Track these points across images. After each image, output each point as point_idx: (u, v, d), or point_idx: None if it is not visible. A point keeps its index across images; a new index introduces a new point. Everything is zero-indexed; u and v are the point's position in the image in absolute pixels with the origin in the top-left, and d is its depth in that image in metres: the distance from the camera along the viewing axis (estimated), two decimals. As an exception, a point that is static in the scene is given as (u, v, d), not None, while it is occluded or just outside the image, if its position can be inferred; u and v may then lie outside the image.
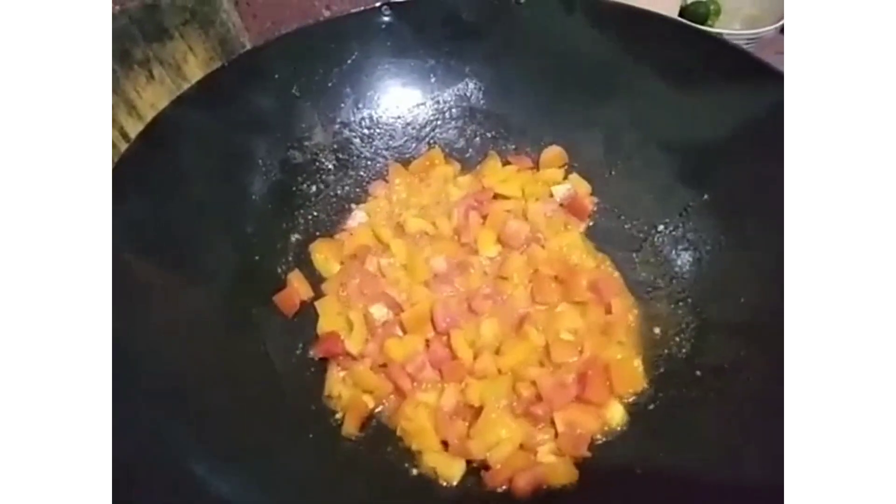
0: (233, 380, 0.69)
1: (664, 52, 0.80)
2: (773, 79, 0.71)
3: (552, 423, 0.68)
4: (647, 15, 0.81)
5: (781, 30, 1.10)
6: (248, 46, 0.97)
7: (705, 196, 0.79)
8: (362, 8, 0.86)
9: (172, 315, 0.67)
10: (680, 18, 1.08)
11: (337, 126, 0.90)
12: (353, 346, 0.73)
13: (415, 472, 0.66)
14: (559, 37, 0.87)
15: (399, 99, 0.93)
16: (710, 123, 0.78)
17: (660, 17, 0.80)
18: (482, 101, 0.93)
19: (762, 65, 0.73)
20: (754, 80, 0.74)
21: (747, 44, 1.12)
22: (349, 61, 0.88)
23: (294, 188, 0.86)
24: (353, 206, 0.88)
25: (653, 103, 0.82)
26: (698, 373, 0.69)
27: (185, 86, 0.86)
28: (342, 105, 0.90)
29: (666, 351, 0.73)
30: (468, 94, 0.93)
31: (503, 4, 0.88)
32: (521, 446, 0.66)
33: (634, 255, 0.82)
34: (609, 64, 0.84)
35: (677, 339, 0.73)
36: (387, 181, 0.90)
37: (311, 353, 0.74)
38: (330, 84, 0.88)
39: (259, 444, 0.65)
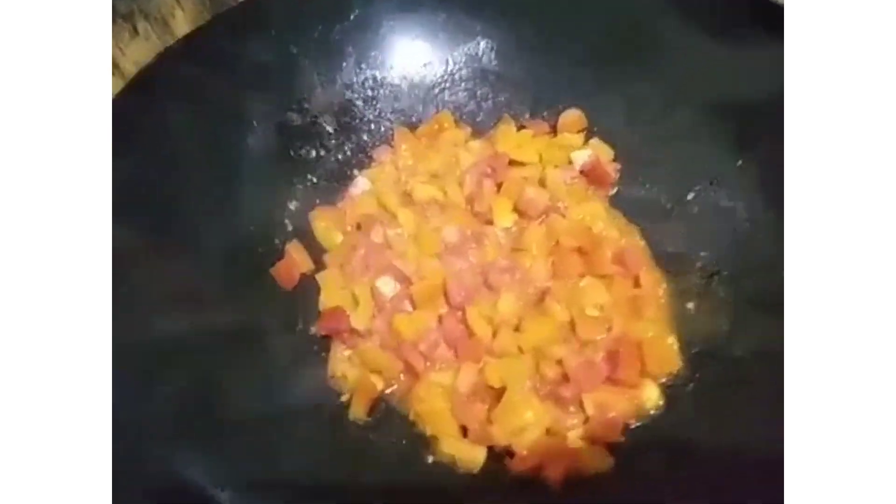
0: (225, 359, 0.62)
1: (696, 2, 0.73)
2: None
3: (581, 405, 0.62)
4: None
5: None
6: None
7: (739, 161, 0.73)
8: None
9: (157, 286, 0.60)
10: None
11: (338, 86, 0.82)
12: (358, 321, 0.67)
13: (431, 459, 0.60)
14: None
15: (405, 58, 0.85)
16: (745, 81, 0.71)
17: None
18: (495, 62, 0.86)
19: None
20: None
21: None
22: (351, 17, 0.80)
23: (292, 153, 0.79)
24: (356, 172, 0.81)
25: (682, 60, 0.75)
26: (739, 353, 0.63)
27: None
28: (344, 64, 0.83)
29: (701, 329, 0.67)
30: (479, 54, 0.86)
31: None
32: (548, 431, 0.60)
33: (662, 225, 0.76)
34: (634, 18, 0.77)
35: (713, 316, 0.67)
36: (392, 146, 0.83)
37: (313, 329, 0.67)
38: (330, 41, 0.81)
39: (256, 430, 0.58)
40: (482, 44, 0.86)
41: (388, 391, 0.65)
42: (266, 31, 0.77)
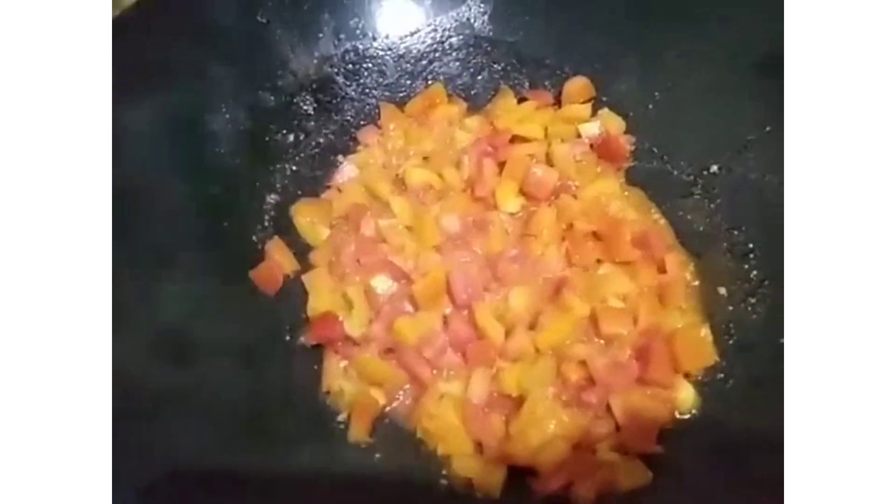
0: (204, 380, 0.54)
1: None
2: None
3: (609, 412, 0.55)
4: None
5: None
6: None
7: (768, 128, 0.65)
8: None
9: (118, 298, 0.51)
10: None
11: (315, 61, 0.74)
12: (353, 328, 0.59)
13: (444, 483, 0.53)
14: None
15: (389, 27, 0.76)
16: (775, 37, 0.63)
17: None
18: (488, 27, 0.77)
19: None
20: None
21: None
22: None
23: (267, 138, 0.70)
24: (341, 157, 0.73)
25: (702, 15, 0.67)
26: (781, 340, 0.56)
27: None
28: (320, 35, 0.74)
29: (738, 315, 0.60)
30: (471, 19, 0.77)
31: None
32: (576, 444, 0.53)
33: (683, 201, 0.69)
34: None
35: (749, 300, 0.60)
36: (379, 126, 0.75)
37: (302, 339, 0.60)
38: (304, 8, 0.72)
39: (243, 461, 0.50)
40: (473, 7, 0.77)
41: (391, 406, 0.57)
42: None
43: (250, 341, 0.59)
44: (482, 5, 0.77)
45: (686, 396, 0.56)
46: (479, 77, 0.78)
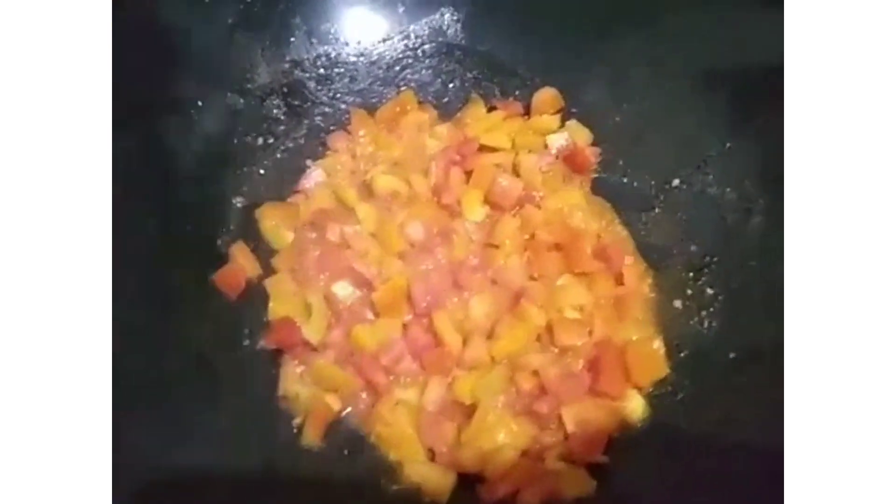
0: (162, 381, 0.54)
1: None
2: None
3: (560, 421, 0.56)
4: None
5: None
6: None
7: (728, 144, 0.67)
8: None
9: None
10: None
11: (286, 65, 0.74)
12: (311, 333, 0.60)
13: (394, 488, 0.54)
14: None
15: (361, 32, 0.77)
16: (741, 50, 0.65)
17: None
18: (461, 36, 0.78)
19: None
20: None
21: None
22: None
23: (236, 141, 0.71)
24: (309, 162, 0.73)
25: (670, 30, 0.68)
26: (732, 354, 0.58)
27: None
28: (292, 39, 0.74)
29: (691, 329, 0.61)
30: (444, 27, 0.78)
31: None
32: (525, 453, 0.54)
33: (645, 214, 0.70)
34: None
35: (703, 313, 0.62)
36: (349, 132, 0.75)
37: (261, 343, 0.60)
38: (276, 13, 0.72)
39: (197, 461, 0.51)
40: (447, 15, 0.78)
41: (346, 412, 0.58)
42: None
43: (210, 343, 0.59)
44: (455, 14, 0.78)
45: (636, 407, 0.57)
46: (451, 85, 0.79)
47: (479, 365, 0.59)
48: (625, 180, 0.72)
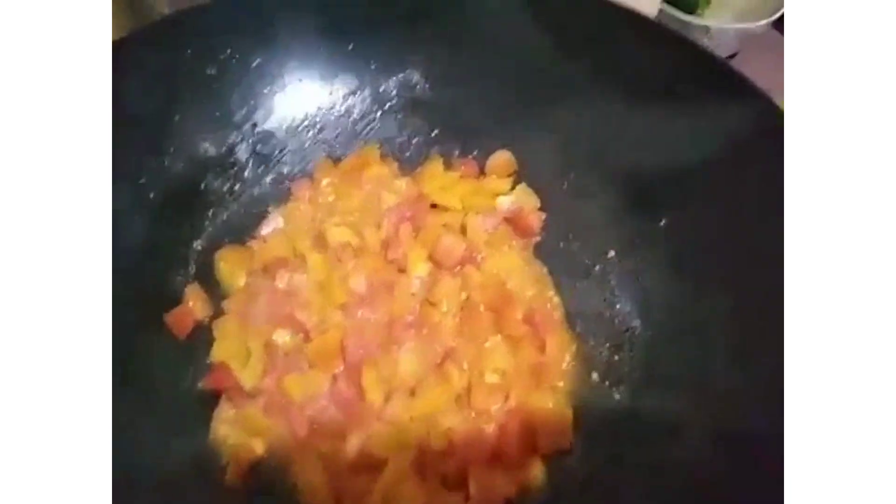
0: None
1: (631, 55, 0.69)
2: (752, 97, 0.61)
3: (465, 482, 0.60)
4: (614, 10, 0.69)
5: (775, 24, 0.98)
6: (165, 10, 0.84)
7: (663, 221, 0.70)
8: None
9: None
10: (657, 18, 0.96)
11: (258, 113, 0.79)
12: (246, 379, 0.64)
13: (306, 534, 0.58)
14: (515, 27, 0.75)
15: (332, 85, 0.81)
16: (675, 141, 0.68)
17: (629, 14, 0.69)
18: (427, 93, 0.82)
19: (741, 80, 0.63)
20: (731, 95, 0.63)
21: (735, 38, 1.01)
22: (275, 40, 0.76)
23: (203, 185, 0.75)
24: (272, 208, 0.78)
25: (613, 112, 0.72)
26: (634, 431, 0.61)
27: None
28: (265, 90, 0.79)
29: (602, 402, 0.65)
30: (412, 84, 0.82)
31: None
32: (425, 511, 0.59)
33: (580, 283, 0.73)
34: (568, 62, 0.73)
35: (617, 388, 0.65)
36: (313, 180, 0.80)
37: (200, 384, 0.65)
38: (252, 65, 0.77)
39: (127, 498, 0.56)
40: (415, 73, 0.82)
41: (269, 456, 0.63)
42: (181, 51, 0.72)
43: (154, 382, 0.64)
44: (423, 72, 0.81)
45: (537, 475, 0.61)
46: (415, 140, 0.83)
47: (398, 421, 0.63)
48: (566, 247, 0.75)
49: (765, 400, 0.50)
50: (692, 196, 0.67)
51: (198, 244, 0.73)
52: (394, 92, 0.82)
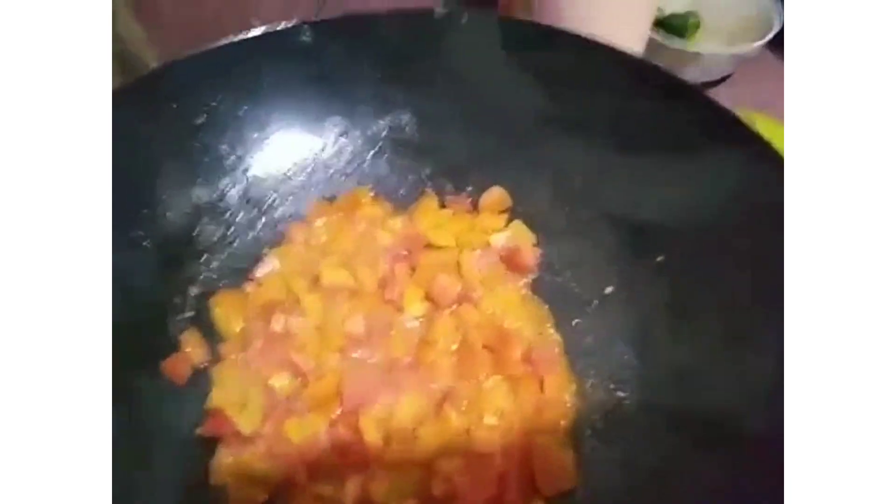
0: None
1: (618, 95, 0.70)
2: (749, 142, 0.60)
3: (466, 527, 0.59)
4: (601, 49, 0.70)
5: (768, 44, 1.01)
6: (153, 63, 0.85)
7: (660, 258, 0.70)
8: (279, 27, 0.74)
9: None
10: (649, 47, 0.98)
11: (249, 159, 0.79)
12: (244, 425, 0.63)
13: (304, 583, 0.57)
14: (504, 66, 0.76)
15: (322, 128, 0.82)
16: (668, 185, 0.68)
17: (616, 54, 0.70)
18: (417, 134, 0.83)
19: (738, 123, 0.62)
20: (725, 140, 0.63)
21: (727, 62, 1.03)
22: (263, 88, 0.77)
23: (197, 231, 0.76)
24: (267, 250, 0.78)
25: (602, 153, 0.73)
26: (634, 472, 0.61)
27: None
28: (255, 135, 0.79)
29: (602, 443, 0.64)
30: (402, 125, 0.83)
31: (442, 27, 0.77)
32: (426, 559, 0.58)
33: (579, 319, 0.73)
34: (554, 102, 0.74)
35: (616, 430, 0.65)
36: (306, 221, 0.80)
37: (198, 431, 0.64)
38: (242, 112, 0.78)
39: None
40: (405, 116, 0.83)
41: (269, 502, 0.62)
42: (170, 103, 0.73)
43: (153, 429, 0.64)
44: (413, 114, 0.82)
45: (538, 519, 0.60)
46: (408, 178, 0.84)
47: (398, 465, 0.62)
48: (564, 283, 0.76)
49: (767, 442, 0.49)
50: (688, 233, 0.68)
51: (193, 290, 0.73)
52: (384, 133, 0.83)
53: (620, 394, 0.67)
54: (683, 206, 0.66)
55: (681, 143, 0.65)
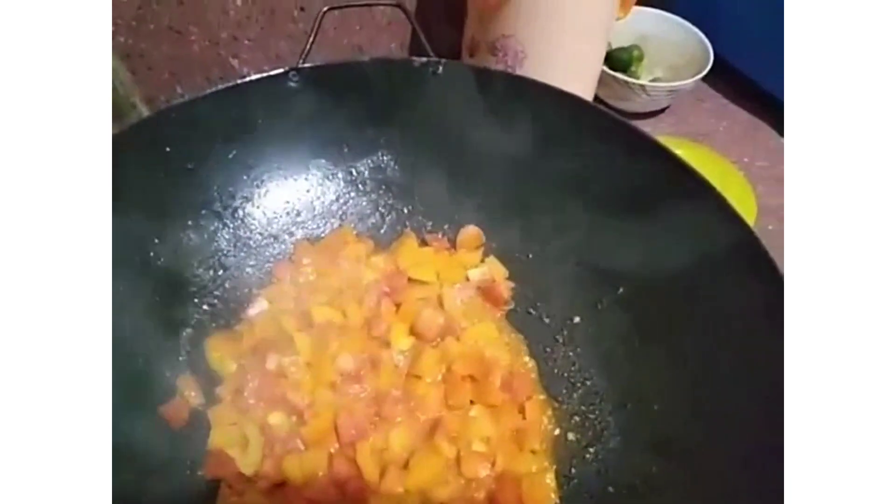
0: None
1: (585, 145, 0.76)
2: (705, 194, 0.66)
3: (460, 551, 0.65)
4: (562, 97, 0.77)
5: (704, 78, 1.10)
6: (140, 106, 0.87)
7: (621, 289, 0.77)
8: (266, 73, 0.78)
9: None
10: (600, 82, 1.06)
11: (238, 201, 0.82)
12: (245, 466, 0.67)
13: None
14: (478, 112, 0.82)
15: (308, 170, 0.86)
16: (630, 236, 0.74)
17: (585, 107, 0.76)
18: (397, 174, 0.88)
19: (695, 177, 0.67)
20: (685, 191, 0.67)
21: (668, 94, 1.12)
22: (251, 133, 0.80)
23: (188, 274, 0.78)
24: (256, 290, 0.81)
25: (563, 195, 0.79)
26: (610, 489, 0.67)
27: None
28: (244, 178, 0.83)
29: (580, 462, 0.70)
30: (383, 166, 0.88)
31: (420, 74, 0.82)
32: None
33: (549, 348, 0.79)
34: (527, 148, 0.80)
35: (592, 449, 0.71)
36: (293, 261, 0.83)
37: (199, 473, 0.67)
38: (230, 156, 0.81)
39: None
40: (385, 156, 0.87)
41: (272, 540, 0.65)
42: (160, 150, 0.75)
43: (153, 472, 0.66)
44: (393, 155, 0.87)
45: (525, 536, 0.66)
46: (388, 217, 0.88)
47: (393, 495, 0.67)
48: (535, 314, 0.82)
49: (739, 454, 0.57)
50: (644, 273, 0.74)
51: (186, 332, 0.76)
52: (366, 174, 0.88)
53: (591, 416, 0.73)
54: (642, 250, 0.73)
55: (641, 195, 0.72)
